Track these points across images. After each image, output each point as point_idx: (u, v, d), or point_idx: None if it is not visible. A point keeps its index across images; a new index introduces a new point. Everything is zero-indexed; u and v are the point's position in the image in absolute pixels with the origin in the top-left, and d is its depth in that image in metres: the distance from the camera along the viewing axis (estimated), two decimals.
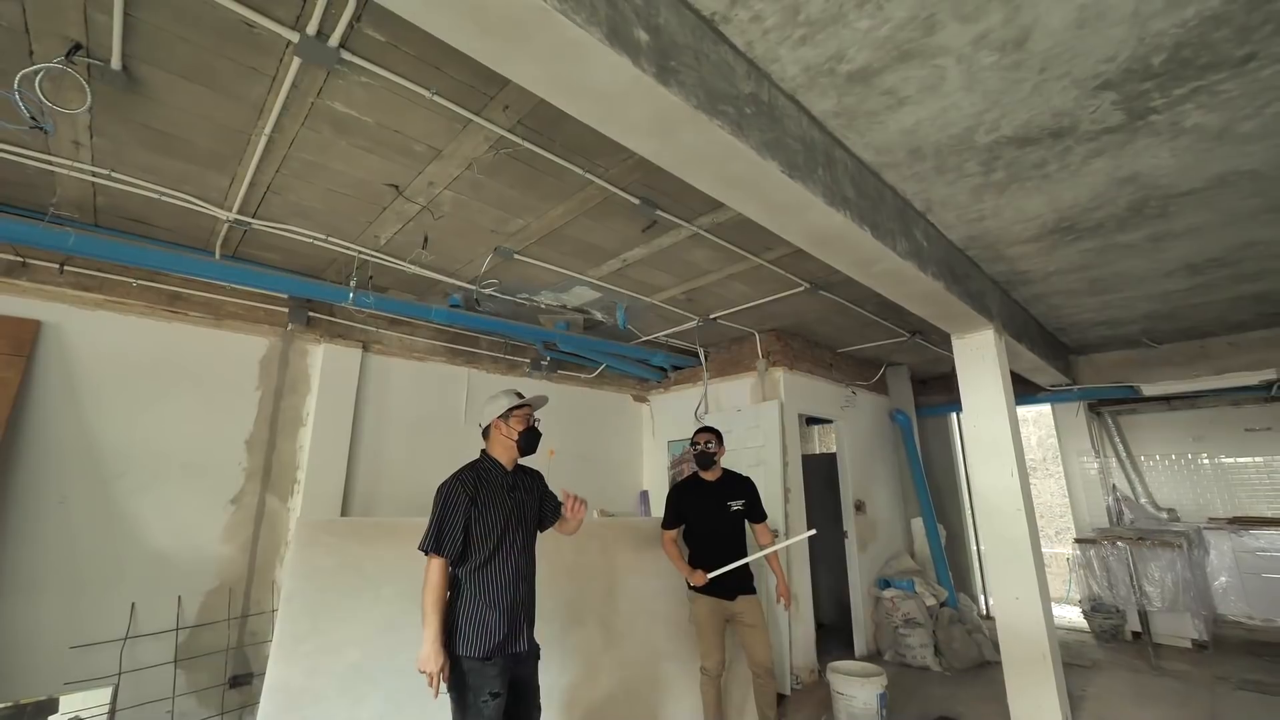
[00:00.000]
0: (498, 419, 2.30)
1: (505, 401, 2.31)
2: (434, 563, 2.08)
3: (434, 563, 2.08)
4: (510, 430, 2.30)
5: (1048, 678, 3.16)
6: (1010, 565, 3.34)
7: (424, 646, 2.01)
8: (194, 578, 3.22)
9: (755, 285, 3.91)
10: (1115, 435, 6.89)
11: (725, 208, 2.88)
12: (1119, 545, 4.75)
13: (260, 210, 2.93)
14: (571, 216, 2.95)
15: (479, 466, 2.30)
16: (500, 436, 2.30)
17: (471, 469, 2.27)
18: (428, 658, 1.99)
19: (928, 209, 2.87)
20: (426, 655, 2.00)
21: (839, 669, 3.35)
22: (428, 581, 2.06)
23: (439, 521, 2.10)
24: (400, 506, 3.97)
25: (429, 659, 1.99)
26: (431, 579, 2.06)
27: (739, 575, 3.09)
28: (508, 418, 2.30)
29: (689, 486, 3.31)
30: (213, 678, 3.17)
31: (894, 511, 5.84)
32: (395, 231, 3.12)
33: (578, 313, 4.42)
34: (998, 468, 3.47)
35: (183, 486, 3.26)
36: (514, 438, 2.30)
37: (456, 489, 2.15)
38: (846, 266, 2.69)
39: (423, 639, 2.02)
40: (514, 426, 2.30)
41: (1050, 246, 3.30)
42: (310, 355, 3.84)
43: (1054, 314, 4.57)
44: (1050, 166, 2.50)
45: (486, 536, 2.15)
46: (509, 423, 2.30)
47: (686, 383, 5.63)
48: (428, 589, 2.05)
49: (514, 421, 2.30)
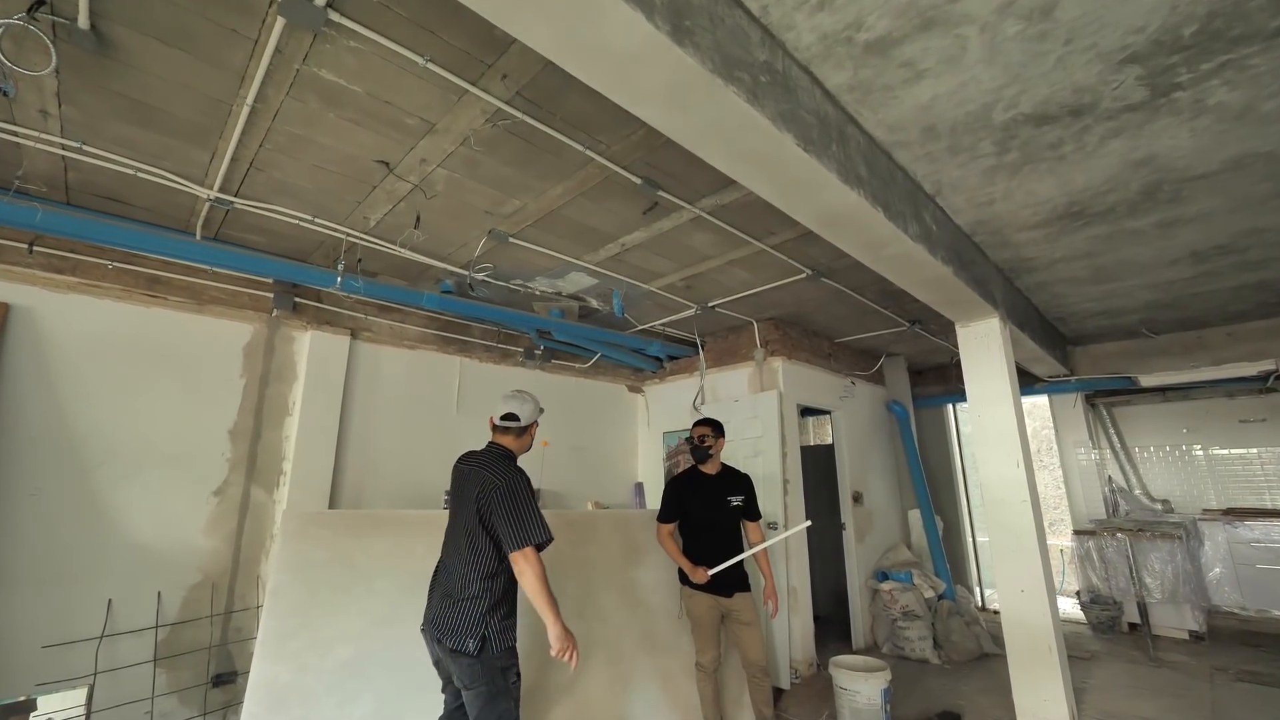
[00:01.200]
0: (533, 424, 2.40)
1: (539, 408, 2.41)
2: (532, 553, 2.05)
3: (532, 553, 2.05)
4: (530, 436, 2.42)
5: (1054, 672, 3.12)
6: (1015, 557, 3.30)
7: (554, 626, 2.06)
8: (175, 572, 3.10)
9: (756, 272, 3.82)
10: (1109, 427, 6.90)
11: (729, 189, 2.78)
12: (1118, 537, 4.74)
13: (243, 189, 2.79)
14: (570, 197, 2.84)
15: (514, 459, 2.34)
16: (529, 438, 2.40)
17: (513, 462, 2.31)
18: (562, 635, 2.06)
19: (937, 192, 2.79)
20: (561, 633, 2.06)
21: (841, 663, 3.29)
22: (532, 572, 2.03)
23: (533, 509, 2.10)
24: (391, 498, 3.86)
25: (564, 636, 2.07)
26: (537, 567, 2.04)
27: (736, 573, 3.02)
28: (536, 423, 2.43)
29: (688, 480, 3.22)
30: (195, 676, 3.06)
31: (890, 503, 5.81)
32: (385, 213, 2.99)
33: (573, 300, 4.31)
34: (1003, 458, 3.43)
35: (163, 477, 3.13)
36: (527, 445, 2.42)
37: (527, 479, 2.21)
38: (856, 249, 2.61)
39: (549, 621, 2.06)
40: (531, 433, 2.43)
41: (1058, 232, 3.24)
42: (297, 342, 3.71)
43: (1055, 303, 4.53)
44: (1066, 147, 2.43)
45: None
46: (531, 430, 2.42)
47: (682, 373, 5.54)
48: (536, 578, 2.03)
49: (533, 429, 2.42)
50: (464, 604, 2.09)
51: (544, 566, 2.05)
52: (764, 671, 2.96)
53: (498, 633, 2.09)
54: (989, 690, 3.89)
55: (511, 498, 2.08)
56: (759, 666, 2.95)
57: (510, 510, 2.06)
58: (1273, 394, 6.14)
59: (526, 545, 2.02)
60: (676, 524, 3.21)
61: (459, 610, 2.10)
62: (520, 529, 2.04)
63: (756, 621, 2.96)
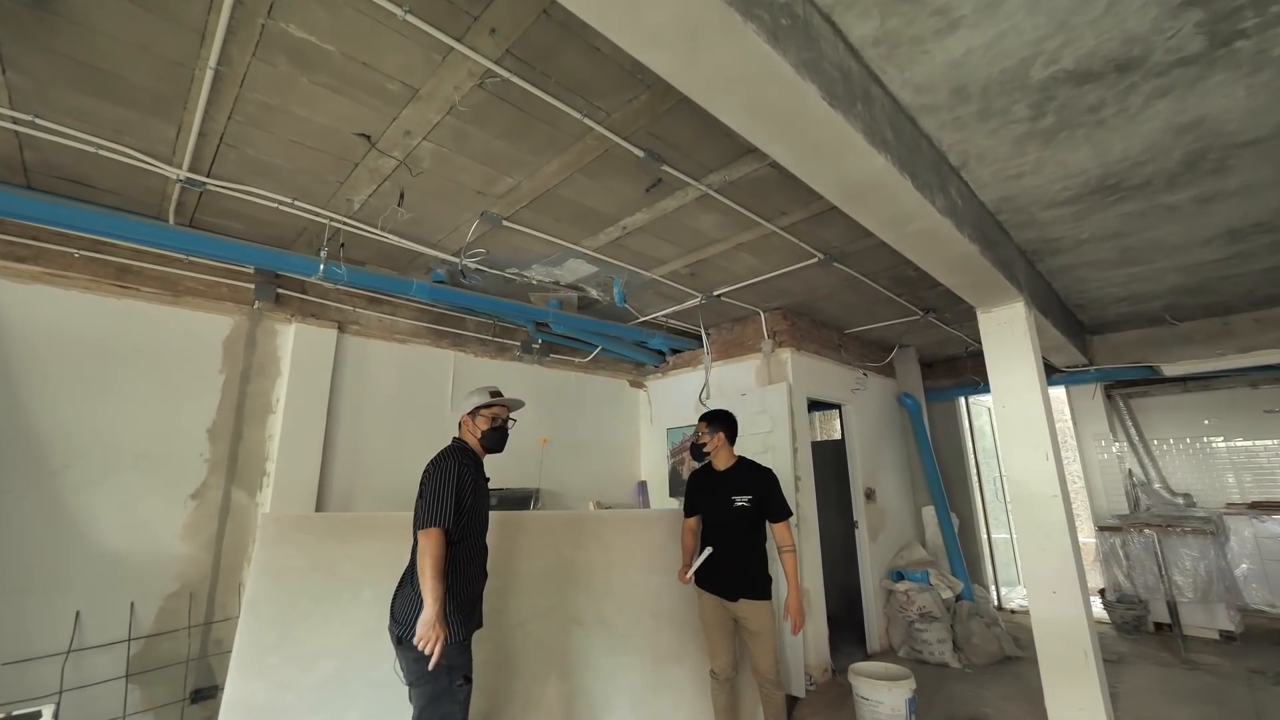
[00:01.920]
0: (466, 415, 2.34)
1: (477, 399, 2.34)
2: (436, 533, 1.97)
3: (436, 533, 1.97)
4: (474, 428, 2.32)
5: (1090, 679, 2.92)
6: (1046, 556, 3.09)
7: (428, 610, 1.88)
8: (149, 581, 2.90)
9: (765, 257, 3.61)
10: (1126, 418, 6.70)
11: (739, 163, 2.58)
12: (1146, 533, 4.53)
13: (215, 168, 2.59)
14: (567, 174, 2.63)
15: (466, 450, 2.27)
16: (468, 432, 2.33)
17: (461, 451, 2.24)
18: (432, 621, 1.88)
19: (963, 163, 2.59)
20: (432, 619, 1.88)
21: (862, 671, 3.10)
22: (430, 551, 1.94)
23: (448, 495, 2.03)
24: (381, 500, 3.66)
25: (434, 623, 1.88)
26: (435, 548, 1.95)
27: (742, 577, 2.78)
28: (475, 415, 2.33)
29: (702, 474, 3.03)
30: (172, 692, 2.86)
31: (903, 500, 5.61)
32: (369, 194, 2.79)
33: (571, 290, 4.11)
34: (1031, 450, 3.22)
35: (136, 479, 2.93)
36: (476, 435, 2.32)
37: (458, 468, 2.11)
38: (878, 225, 2.40)
39: (426, 603, 1.90)
40: (479, 425, 2.32)
41: (1087, 210, 3.03)
42: (280, 336, 3.51)
43: (1077, 288, 4.32)
44: (1107, 110, 2.22)
45: (474, 517, 2.17)
46: (475, 420, 2.33)
47: (686, 366, 5.34)
48: (431, 558, 1.93)
49: (480, 420, 2.32)
50: (414, 592, 2.02)
51: (444, 551, 1.96)
52: (774, 683, 2.75)
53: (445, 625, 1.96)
54: (1015, 697, 3.68)
55: (429, 481, 2.07)
56: (769, 679, 2.74)
57: (426, 492, 2.04)
58: None
59: (429, 526, 1.97)
60: (698, 520, 3.01)
61: (405, 598, 2.06)
62: (428, 510, 2.00)
63: (767, 631, 2.73)
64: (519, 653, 2.71)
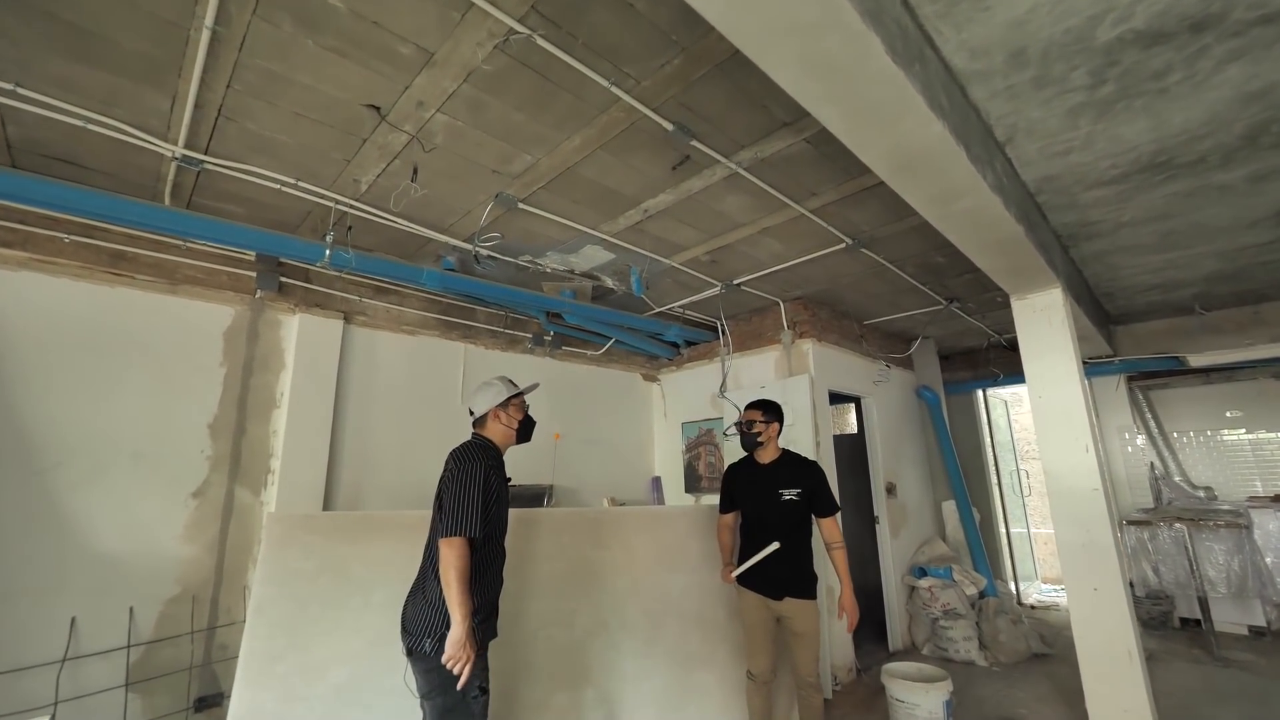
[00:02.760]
0: (496, 408, 2.18)
1: (504, 390, 2.20)
2: (461, 543, 1.84)
3: (461, 543, 1.84)
4: (510, 419, 2.21)
5: (1135, 679, 2.79)
6: (1087, 552, 2.96)
7: (457, 628, 1.78)
8: (149, 585, 2.75)
9: (790, 242, 3.46)
10: (1146, 410, 6.56)
11: (772, 139, 2.42)
12: (1176, 527, 4.40)
13: (214, 145, 2.43)
14: (589, 151, 2.47)
15: (490, 448, 2.12)
16: (499, 425, 2.19)
17: (485, 449, 2.08)
18: (462, 640, 1.77)
19: (1010, 138, 2.43)
20: (461, 638, 1.77)
21: (896, 673, 2.96)
22: (455, 562, 1.81)
23: (474, 501, 1.89)
24: (391, 498, 3.51)
25: (464, 641, 1.77)
26: (460, 559, 1.82)
27: (789, 574, 2.65)
28: (506, 406, 2.20)
29: (741, 468, 2.88)
30: (174, 701, 2.72)
31: (923, 494, 5.47)
32: (379, 173, 2.63)
33: (586, 279, 3.96)
34: (1070, 442, 3.08)
35: (133, 478, 2.78)
36: (514, 427, 2.22)
37: (484, 469, 1.97)
38: (924, 201, 2.25)
39: (454, 620, 1.79)
40: (513, 415, 2.22)
41: (1133, 190, 2.88)
42: (284, 327, 3.35)
43: (1108, 275, 4.17)
44: (1172, 77, 2.06)
45: (497, 522, 2.05)
46: (508, 411, 2.20)
47: (701, 359, 5.19)
48: (456, 570, 1.80)
49: (513, 410, 2.22)
50: (425, 599, 1.92)
51: (469, 563, 1.84)
52: (814, 687, 2.61)
53: None
54: (1049, 698, 3.56)
55: (457, 485, 1.91)
56: (809, 683, 2.61)
57: (453, 496, 1.89)
58: None
59: (455, 534, 1.83)
60: (735, 517, 2.87)
61: (420, 606, 1.93)
62: (454, 516, 1.86)
63: (812, 632, 2.60)
64: (539, 659, 2.57)
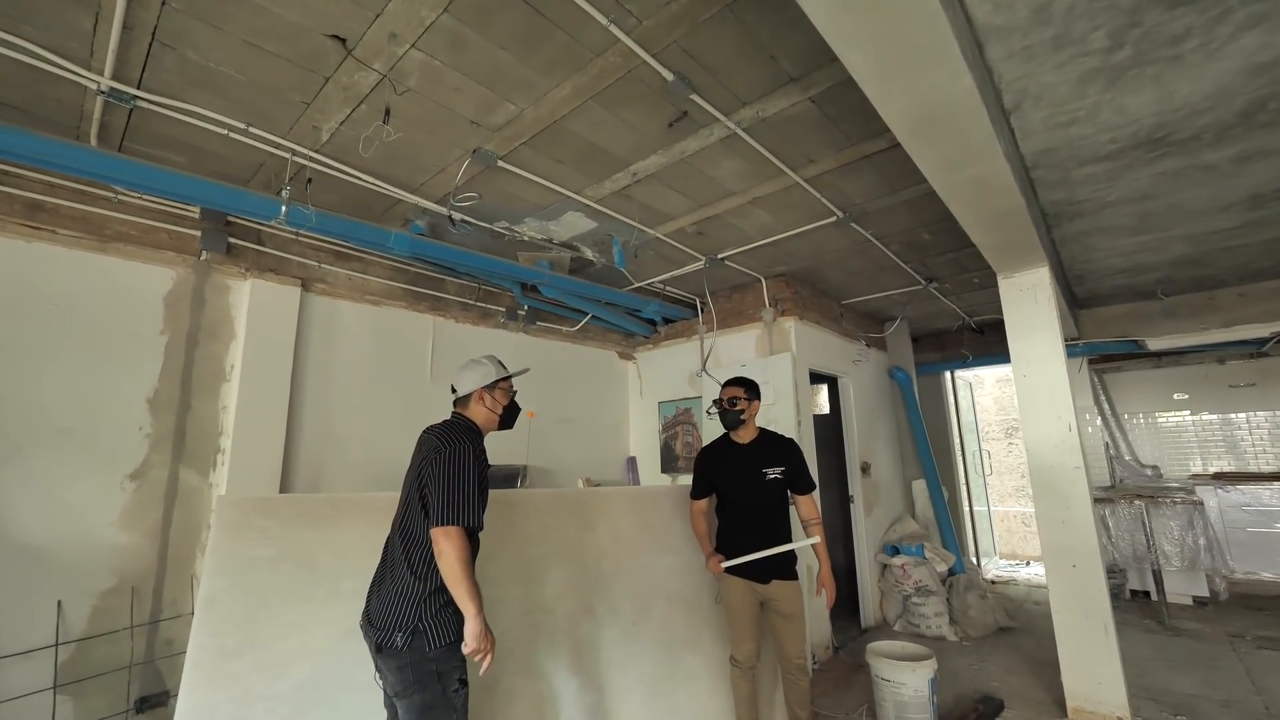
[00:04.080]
0: (483, 389, 2.01)
1: (494, 370, 2.04)
2: (458, 533, 1.69)
3: (458, 533, 1.69)
4: (495, 404, 2.04)
5: (1110, 652, 2.86)
6: (1067, 529, 3.00)
7: (473, 623, 1.67)
8: (80, 576, 2.47)
9: (780, 214, 3.34)
10: (1100, 392, 6.84)
11: (777, 96, 2.28)
12: (1135, 504, 4.57)
13: (148, 78, 2.12)
14: (580, 102, 2.27)
15: (474, 432, 1.95)
16: (483, 409, 2.02)
17: (472, 435, 1.91)
18: (481, 631, 1.67)
19: (1018, 105, 2.34)
20: (480, 629, 1.67)
21: (880, 651, 2.95)
22: (454, 553, 1.66)
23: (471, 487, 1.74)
24: (355, 479, 3.28)
25: (483, 632, 1.68)
26: (460, 549, 1.68)
27: (775, 556, 2.58)
28: (493, 389, 2.03)
29: (718, 449, 2.77)
30: (112, 702, 2.46)
31: (894, 473, 5.54)
32: (343, 120, 2.37)
33: (565, 249, 3.76)
34: (1052, 420, 3.10)
35: (59, 458, 2.48)
36: (498, 412, 2.05)
37: (474, 453, 1.82)
38: (935, 166, 2.16)
39: (466, 617, 1.68)
40: (499, 400, 2.05)
41: (1124, 167, 2.86)
42: (234, 293, 3.04)
43: (1082, 258, 4.22)
44: (1189, 43, 2.01)
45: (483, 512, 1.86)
46: (494, 394, 2.03)
47: (679, 337, 5.07)
48: (458, 561, 1.66)
49: (499, 394, 2.05)
50: (394, 590, 1.77)
51: (469, 552, 1.71)
52: (801, 670, 2.56)
53: (434, 627, 1.72)
54: (1018, 669, 3.64)
55: (451, 468, 1.75)
56: (796, 664, 2.55)
57: (446, 481, 1.73)
58: (1264, 359, 6.13)
59: (452, 524, 1.68)
60: (710, 501, 2.77)
61: (387, 598, 1.78)
62: (450, 504, 1.70)
63: (799, 613, 2.55)
64: (521, 645, 2.42)
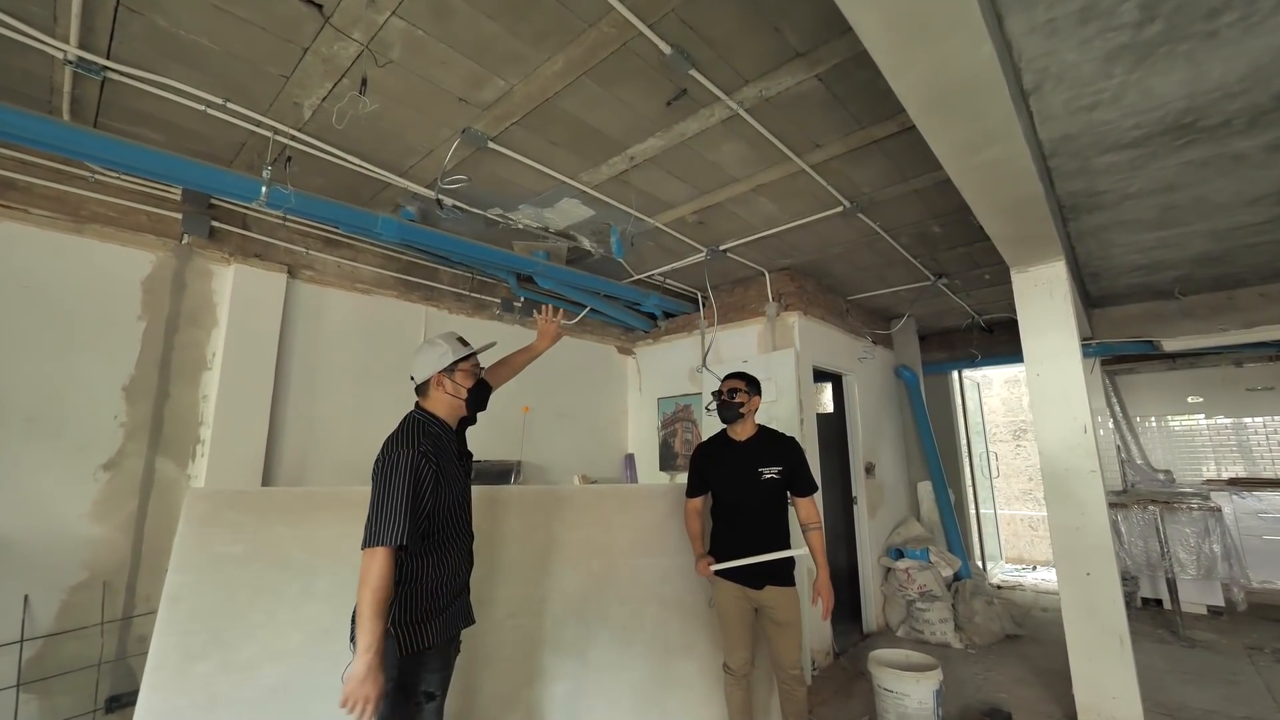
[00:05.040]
0: (440, 373, 1.80)
1: (449, 351, 1.81)
2: (383, 554, 1.50)
3: (383, 554, 1.50)
4: (456, 388, 1.81)
5: (1124, 664, 2.72)
6: (1082, 535, 2.86)
7: (359, 662, 1.44)
8: (49, 570, 2.37)
9: (785, 203, 3.21)
10: (1112, 395, 6.67)
11: (781, 73, 2.15)
12: (1149, 509, 4.42)
13: (117, 47, 2.01)
14: (573, 77, 2.15)
15: (428, 425, 1.74)
16: (443, 395, 1.81)
17: (423, 432, 1.70)
18: (365, 676, 1.43)
19: (1038, 86, 2.20)
20: (363, 674, 1.43)
21: (883, 661, 2.83)
22: (372, 580, 1.48)
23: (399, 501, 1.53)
24: (340, 475, 3.18)
25: (368, 678, 1.43)
26: (379, 575, 1.48)
27: (770, 561, 2.45)
28: (452, 372, 1.81)
29: (713, 446, 2.65)
30: (80, 702, 2.36)
31: (899, 475, 5.40)
32: (324, 95, 2.25)
33: (562, 239, 3.64)
34: (1068, 421, 2.97)
35: (27, 446, 2.38)
36: (461, 396, 1.82)
37: (411, 457, 1.60)
38: (951, 149, 2.02)
39: (357, 651, 1.46)
40: (460, 383, 1.82)
41: (1149, 156, 2.72)
42: (216, 278, 2.94)
43: (1098, 253, 4.06)
44: (1227, 16, 1.86)
45: (447, 515, 1.72)
46: (454, 378, 1.81)
47: (679, 332, 4.95)
48: (371, 589, 1.47)
49: (460, 376, 1.82)
50: None
51: (390, 570, 1.50)
52: (798, 680, 2.44)
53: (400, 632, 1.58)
54: (1026, 680, 3.51)
55: (377, 485, 1.57)
56: (792, 674, 2.43)
57: (373, 497, 1.55)
58: None
59: (372, 544, 1.50)
60: (705, 500, 2.64)
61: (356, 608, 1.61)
62: (373, 522, 1.52)
63: (795, 621, 2.42)
64: (507, 650, 2.32)
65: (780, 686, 2.50)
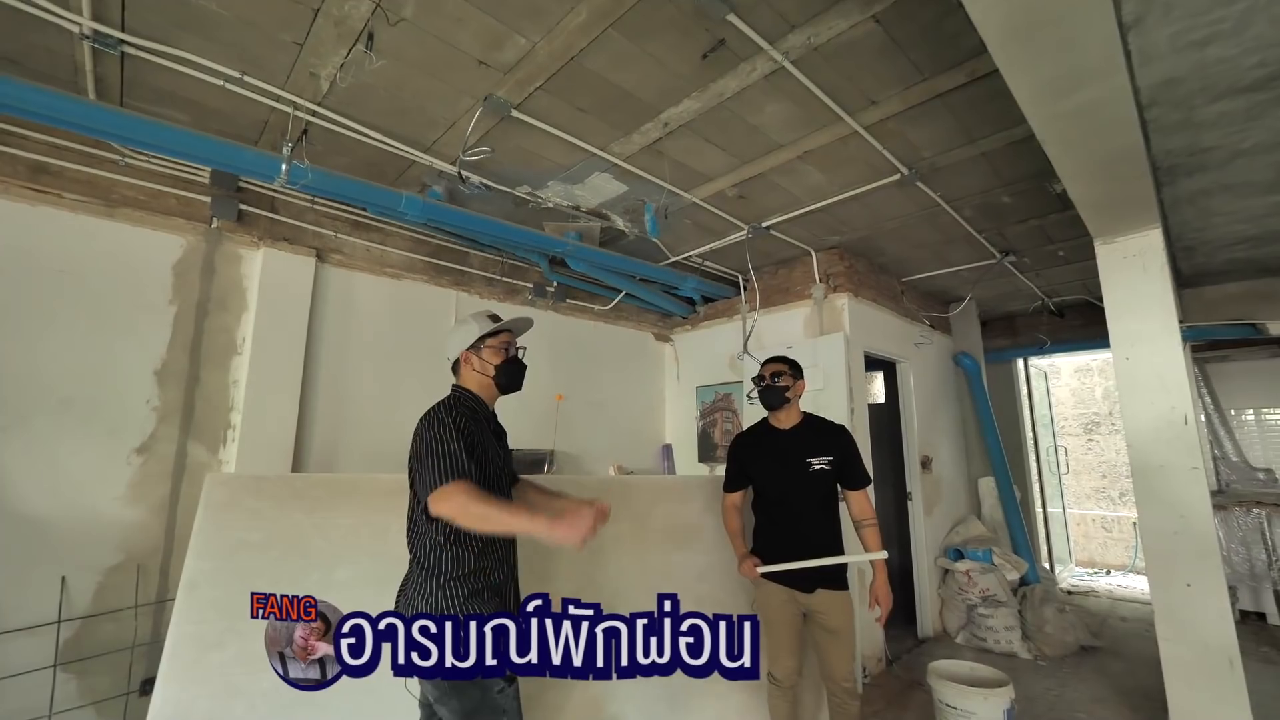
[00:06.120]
0: (467, 350, 1.75)
1: (475, 328, 1.75)
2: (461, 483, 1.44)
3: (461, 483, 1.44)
4: (484, 364, 1.75)
5: (1237, 691, 2.37)
6: (1181, 540, 2.51)
7: (548, 530, 1.40)
8: (85, 551, 2.39)
9: (833, 172, 2.94)
10: (1202, 386, 6.04)
11: (832, 14, 1.90)
12: (1254, 512, 3.93)
13: (130, 18, 1.95)
14: (598, 30, 1.96)
15: (465, 403, 1.68)
16: (472, 372, 1.76)
17: (459, 401, 1.66)
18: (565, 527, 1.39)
19: (1139, 19, 1.86)
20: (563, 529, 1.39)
21: (944, 673, 2.56)
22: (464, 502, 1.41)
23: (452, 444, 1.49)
24: (370, 462, 3.12)
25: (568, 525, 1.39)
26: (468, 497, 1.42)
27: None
28: (479, 348, 1.75)
29: (755, 435, 2.44)
30: (115, 683, 2.38)
31: (958, 470, 5.03)
32: (339, 64, 2.14)
33: (594, 218, 3.47)
34: (1164, 410, 2.60)
35: (65, 430, 2.39)
36: (489, 374, 1.75)
37: (460, 420, 1.56)
38: (1035, 89, 1.74)
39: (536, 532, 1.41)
40: (488, 359, 1.75)
41: (1274, 101, 2.32)
42: (245, 262, 2.91)
43: (1197, 223, 3.58)
44: None
45: (492, 486, 1.62)
46: (481, 354, 1.75)
47: (719, 317, 4.72)
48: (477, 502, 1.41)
49: (487, 353, 1.75)
50: (411, 589, 1.57)
51: (481, 492, 1.44)
52: (850, 692, 2.21)
53: None
54: (1107, 700, 3.16)
55: (426, 439, 1.53)
56: (844, 686, 2.21)
57: (425, 451, 1.50)
58: None
59: (442, 483, 1.44)
60: (744, 494, 2.44)
61: (406, 598, 1.57)
62: (435, 470, 1.46)
63: (848, 629, 2.20)
64: None
65: (830, 699, 2.29)
